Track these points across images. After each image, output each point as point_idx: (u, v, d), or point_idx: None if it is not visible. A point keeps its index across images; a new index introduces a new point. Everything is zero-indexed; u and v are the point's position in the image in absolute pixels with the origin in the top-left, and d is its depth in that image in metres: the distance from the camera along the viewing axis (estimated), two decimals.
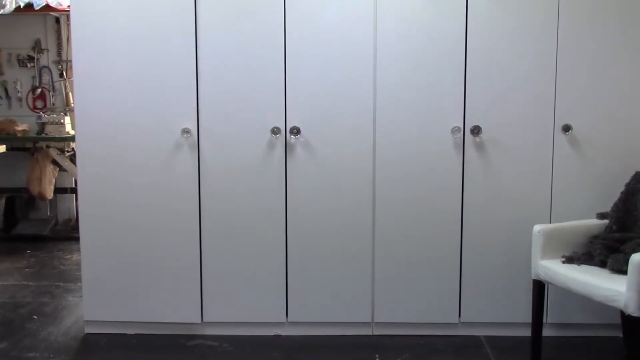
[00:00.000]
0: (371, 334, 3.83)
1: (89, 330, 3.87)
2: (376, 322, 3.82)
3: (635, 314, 2.81)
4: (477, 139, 3.64)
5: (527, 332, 3.57)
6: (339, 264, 3.76)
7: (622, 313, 2.96)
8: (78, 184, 3.80)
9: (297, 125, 3.64)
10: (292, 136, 3.65)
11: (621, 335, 3.64)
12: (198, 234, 3.74)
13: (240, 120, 3.66)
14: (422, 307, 3.79)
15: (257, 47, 3.62)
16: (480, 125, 3.62)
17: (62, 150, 6.47)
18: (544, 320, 3.60)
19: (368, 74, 3.63)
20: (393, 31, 3.61)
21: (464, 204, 3.70)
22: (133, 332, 3.84)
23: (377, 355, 3.57)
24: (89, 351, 3.68)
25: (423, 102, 3.64)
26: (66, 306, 4.38)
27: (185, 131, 3.64)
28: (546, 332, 3.60)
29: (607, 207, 3.52)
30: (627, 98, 3.63)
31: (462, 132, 3.64)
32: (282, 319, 3.82)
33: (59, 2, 6.09)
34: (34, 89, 6.74)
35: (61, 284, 4.90)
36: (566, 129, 3.62)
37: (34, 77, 6.76)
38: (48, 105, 6.71)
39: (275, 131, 3.64)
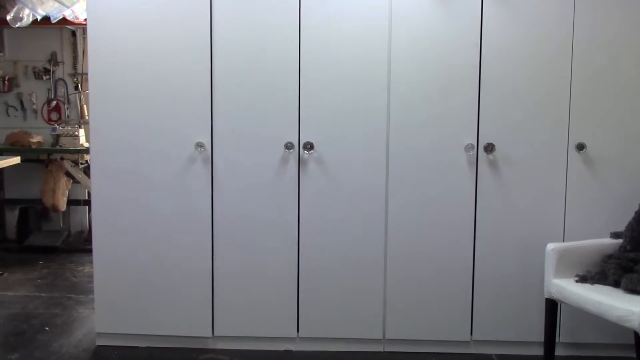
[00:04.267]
0: (382, 350, 3.82)
1: (100, 342, 3.87)
2: (387, 339, 3.80)
3: None
4: (491, 156, 3.64)
5: (539, 351, 3.56)
6: (350, 279, 3.75)
7: (636, 333, 2.94)
8: (91, 196, 3.81)
9: (310, 140, 3.65)
10: (305, 151, 3.65)
11: (635, 355, 3.61)
12: (210, 247, 3.74)
13: (254, 135, 3.67)
14: (434, 324, 3.78)
15: (271, 62, 3.64)
16: (494, 143, 3.62)
17: (75, 163, 6.51)
18: (557, 340, 3.57)
19: (382, 90, 3.63)
20: (407, 48, 3.61)
21: (477, 222, 3.69)
22: (144, 345, 3.84)
23: None
24: None
25: (437, 119, 3.64)
26: (78, 318, 4.39)
27: (199, 145, 3.66)
28: (559, 351, 3.57)
29: (621, 227, 3.51)
30: None
31: (475, 150, 3.64)
32: (293, 334, 3.81)
33: (75, 16, 6.14)
34: (49, 101, 6.78)
35: (73, 295, 4.91)
36: (580, 147, 3.61)
37: (49, 90, 6.81)
38: (63, 117, 6.75)
39: (288, 146, 3.64)
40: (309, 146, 3.65)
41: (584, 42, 3.59)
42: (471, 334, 3.79)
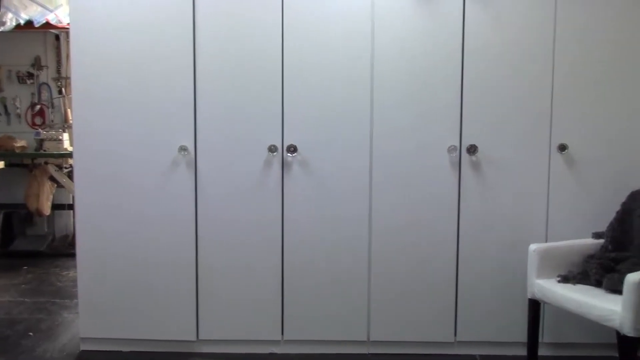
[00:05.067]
0: (367, 352, 3.82)
1: (84, 347, 3.86)
2: (372, 341, 3.81)
3: (630, 334, 2.82)
4: (474, 157, 3.66)
5: (522, 351, 3.58)
6: (335, 281, 3.76)
7: (618, 332, 2.96)
8: (75, 200, 3.80)
9: (294, 143, 3.66)
10: (289, 154, 3.66)
11: (617, 354, 3.63)
12: (194, 251, 3.74)
13: (238, 138, 3.67)
14: (418, 325, 3.79)
15: (255, 65, 3.64)
16: (477, 144, 3.64)
17: (60, 167, 6.49)
18: (540, 340, 3.59)
19: (365, 92, 3.64)
20: (390, 50, 3.63)
21: (460, 223, 3.71)
22: (129, 350, 3.82)
23: None
24: None
25: (419, 121, 3.65)
26: (62, 323, 4.37)
27: (183, 149, 3.66)
28: (542, 351, 3.59)
29: (603, 227, 3.54)
30: (622, 118, 3.65)
31: (458, 151, 3.65)
32: (278, 336, 3.81)
33: (59, 20, 6.13)
34: (33, 105, 6.76)
35: (57, 300, 4.90)
36: (562, 148, 3.63)
37: (33, 94, 6.79)
38: (47, 121, 6.74)
39: (272, 149, 3.65)
40: (293, 149, 3.65)
41: (565, 43, 3.61)
42: (455, 335, 3.80)
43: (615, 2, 3.61)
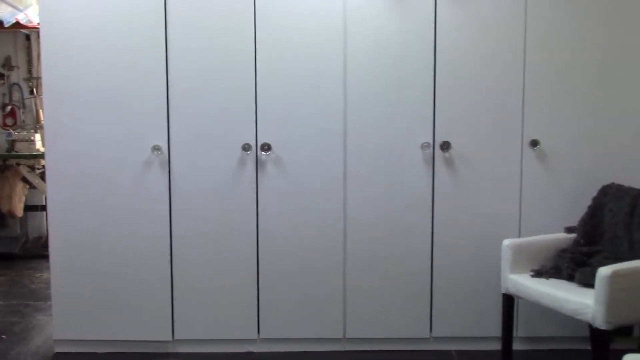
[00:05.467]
0: (343, 349, 3.83)
1: (58, 349, 3.83)
2: (348, 338, 3.82)
3: (602, 327, 2.85)
4: (447, 154, 3.68)
5: (497, 346, 3.61)
6: (310, 279, 3.76)
7: (591, 326, 2.99)
8: (48, 201, 3.77)
9: (268, 141, 3.65)
10: (263, 152, 3.66)
11: (590, 347, 3.67)
12: (169, 250, 3.73)
13: (211, 137, 3.66)
14: (394, 322, 3.80)
15: (228, 64, 3.63)
16: (450, 141, 3.66)
17: (32, 168, 6.41)
18: (514, 334, 3.62)
19: (338, 90, 3.65)
20: (363, 48, 3.64)
21: (434, 219, 3.73)
22: (103, 351, 3.80)
23: None
24: None
25: (393, 117, 3.67)
26: (36, 325, 4.33)
27: (156, 148, 3.64)
28: (516, 345, 3.62)
29: (575, 222, 3.58)
30: (593, 114, 3.69)
31: (431, 148, 3.67)
32: (254, 335, 3.81)
33: (29, 20, 6.07)
34: (3, 106, 6.68)
35: (31, 302, 4.85)
36: (534, 144, 3.67)
37: (4, 95, 6.71)
38: (18, 122, 6.65)
39: (246, 148, 3.64)
40: (267, 147, 3.65)
41: (536, 42, 3.64)
42: (430, 330, 3.82)
43: (584, 2, 3.65)
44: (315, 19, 3.62)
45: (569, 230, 3.58)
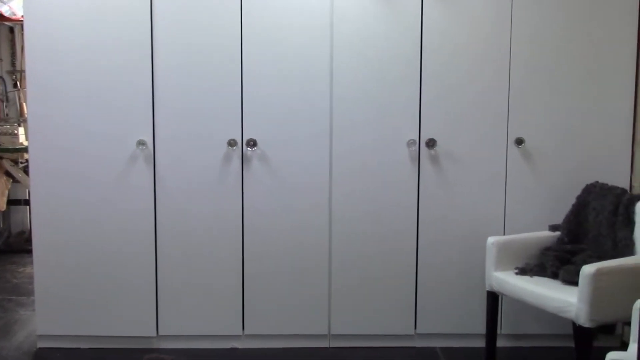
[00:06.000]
0: (328, 346, 3.84)
1: (41, 344, 3.80)
2: (333, 334, 3.82)
3: (585, 325, 2.87)
4: (432, 151, 3.68)
5: (482, 343, 3.62)
6: (295, 276, 3.76)
7: (574, 323, 3.01)
8: (31, 196, 3.74)
9: (253, 137, 3.65)
10: (248, 148, 3.65)
11: (573, 345, 3.70)
12: (153, 246, 3.71)
13: (197, 132, 3.65)
14: (379, 318, 3.81)
15: (214, 59, 3.62)
16: (435, 138, 3.67)
17: (15, 162, 6.34)
18: (498, 331, 3.64)
19: (324, 87, 3.65)
20: (349, 46, 3.64)
21: (419, 216, 3.74)
22: (87, 347, 3.78)
23: None
24: None
25: (379, 115, 3.67)
26: (18, 320, 4.30)
27: (141, 143, 3.62)
28: (500, 342, 3.64)
29: (559, 220, 3.60)
30: (578, 113, 3.72)
31: (417, 145, 3.68)
32: (239, 331, 3.80)
33: (12, 12, 6.02)
34: None
35: (14, 297, 4.82)
36: (519, 142, 3.68)
37: None
38: (1, 115, 6.60)
39: (231, 143, 3.63)
40: (252, 143, 3.64)
41: (521, 41, 3.66)
42: (415, 327, 3.83)
43: (568, 3, 3.66)
44: (302, 16, 3.62)
45: (553, 228, 3.60)
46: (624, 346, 3.78)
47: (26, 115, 4.35)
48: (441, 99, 3.67)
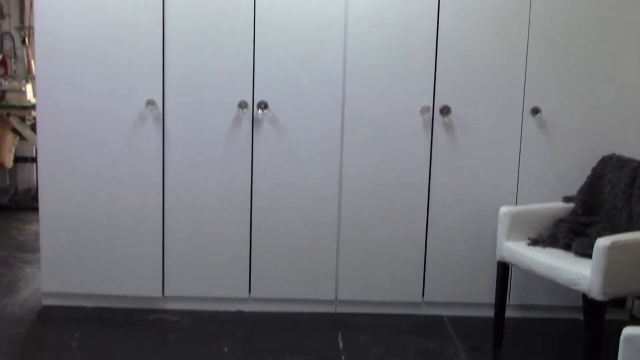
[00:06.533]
0: (334, 311, 3.82)
1: (46, 302, 3.79)
2: (340, 300, 3.80)
3: (598, 298, 2.82)
4: (446, 119, 3.62)
5: (489, 313, 3.59)
6: (303, 240, 3.73)
7: (584, 296, 2.97)
8: (38, 154, 3.70)
9: (264, 99, 3.58)
10: (259, 111, 3.59)
11: (582, 318, 3.67)
12: (161, 206, 3.67)
13: (207, 93, 3.59)
14: (386, 285, 3.78)
15: (226, 18, 3.54)
16: (450, 106, 3.60)
17: (22, 119, 6.31)
18: (507, 302, 3.60)
19: (338, 50, 3.57)
20: (364, 8, 3.55)
21: (431, 184, 3.69)
22: (92, 305, 3.77)
23: (340, 334, 3.55)
24: (46, 324, 3.60)
25: (393, 80, 3.60)
26: (23, 277, 4.29)
27: (150, 103, 3.56)
28: (509, 313, 3.59)
29: (573, 191, 3.55)
30: (597, 83, 3.64)
31: (431, 112, 3.61)
32: (245, 294, 3.78)
33: None
34: None
35: (19, 254, 4.80)
36: (535, 111, 3.62)
37: None
38: (9, 72, 6.53)
39: (242, 105, 3.57)
40: (264, 106, 3.58)
41: (540, 7, 3.57)
42: (423, 295, 3.80)
43: None
44: None
45: (567, 199, 3.55)
46: (633, 320, 3.78)
47: (34, 73, 4.29)
48: (457, 65, 3.60)
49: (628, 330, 2.06)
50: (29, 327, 3.52)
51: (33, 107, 5.96)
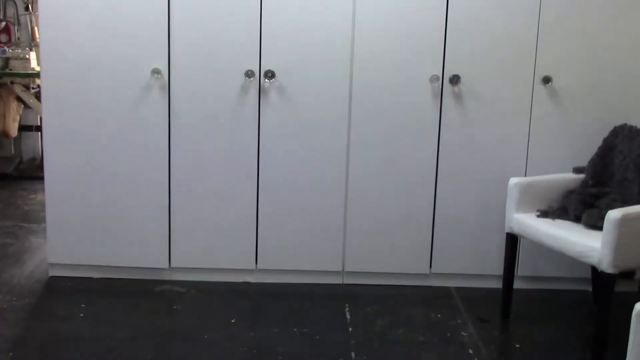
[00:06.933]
0: (341, 282, 3.80)
1: (53, 273, 3.78)
2: (346, 271, 3.79)
3: (608, 271, 2.80)
4: (456, 88, 3.57)
5: (497, 284, 3.58)
6: (310, 211, 3.70)
7: (593, 268, 2.95)
8: (42, 124, 3.66)
9: (272, 68, 3.53)
10: (266, 80, 3.54)
11: (591, 289, 3.65)
12: (167, 177, 3.65)
13: (213, 61, 3.54)
14: (393, 257, 3.76)
15: None
16: (460, 75, 3.55)
17: (27, 87, 6.26)
18: (515, 273, 3.58)
19: (347, 18, 3.51)
20: None
21: (440, 154, 3.65)
22: (99, 276, 3.76)
23: (347, 305, 3.54)
24: (53, 295, 3.59)
25: (402, 49, 3.55)
26: (30, 248, 4.28)
27: (156, 71, 3.52)
28: (516, 284, 3.57)
29: (584, 162, 3.50)
30: (608, 53, 3.58)
31: (440, 81, 3.56)
32: (252, 266, 3.76)
33: None
34: None
35: (25, 224, 4.80)
36: (546, 80, 3.56)
37: None
38: (13, 39, 6.47)
39: (249, 74, 3.52)
40: (270, 75, 3.53)
41: None
42: (430, 266, 3.79)
43: None
44: None
45: (577, 170, 3.51)
46: None
47: (38, 40, 4.24)
48: (466, 34, 3.54)
49: None
50: (36, 299, 3.52)
51: (37, 74, 5.91)
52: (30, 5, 6.51)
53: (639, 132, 3.36)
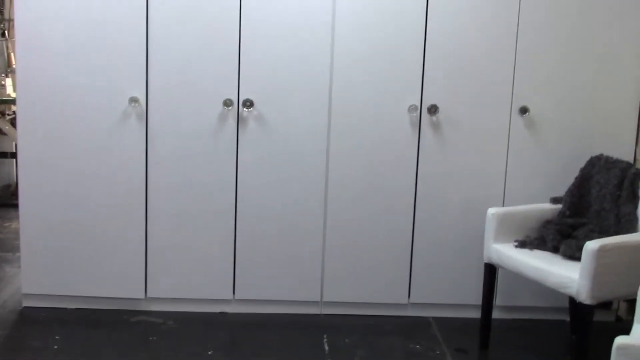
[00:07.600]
0: (320, 313, 3.78)
1: (27, 303, 3.72)
2: (325, 301, 3.76)
3: (587, 302, 2.80)
4: (434, 118, 3.59)
5: (475, 314, 3.57)
6: (288, 241, 3.68)
7: (571, 298, 2.95)
8: (18, 149, 3.62)
9: (250, 97, 3.53)
10: (244, 109, 3.53)
11: (568, 319, 3.66)
12: (144, 206, 3.61)
13: (192, 90, 3.53)
14: (372, 287, 3.75)
15: (210, 14, 3.48)
16: (438, 105, 3.56)
17: (2, 113, 6.22)
18: (494, 303, 3.57)
19: (325, 48, 3.53)
20: (352, 6, 3.51)
21: (418, 184, 3.66)
22: (73, 307, 3.70)
23: (325, 336, 3.51)
24: (27, 326, 3.53)
25: (380, 78, 3.56)
26: (3, 277, 4.22)
27: (133, 100, 3.50)
28: (495, 314, 3.57)
29: (561, 192, 3.52)
30: (585, 84, 3.63)
31: (418, 111, 3.58)
32: (229, 296, 3.73)
33: None
34: None
35: None
36: (523, 111, 3.59)
37: None
38: None
39: (227, 103, 3.52)
40: (249, 104, 3.53)
41: (530, 5, 3.54)
42: (409, 296, 3.77)
43: None
44: None
45: (554, 200, 3.53)
46: (618, 321, 3.78)
47: (14, 66, 4.21)
48: (445, 63, 3.56)
49: (620, 340, 2.04)
50: (9, 330, 3.45)
51: (13, 101, 5.87)
52: (6, 32, 6.47)
53: (615, 163, 3.39)
